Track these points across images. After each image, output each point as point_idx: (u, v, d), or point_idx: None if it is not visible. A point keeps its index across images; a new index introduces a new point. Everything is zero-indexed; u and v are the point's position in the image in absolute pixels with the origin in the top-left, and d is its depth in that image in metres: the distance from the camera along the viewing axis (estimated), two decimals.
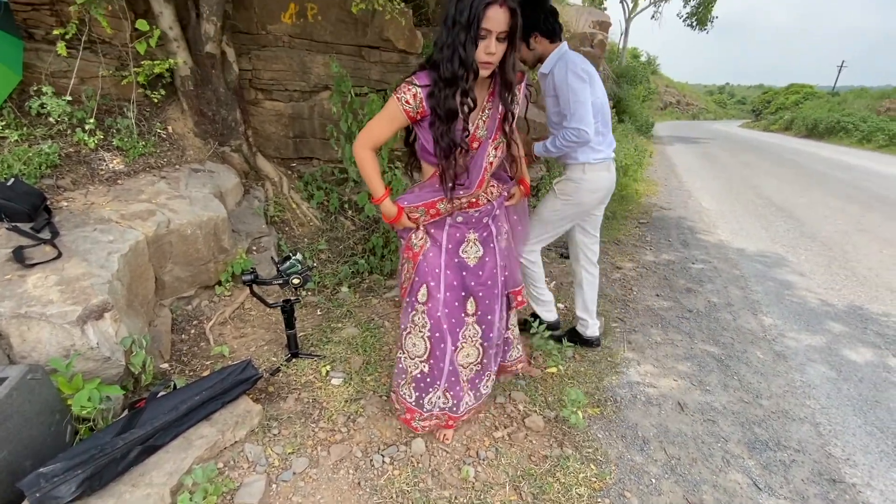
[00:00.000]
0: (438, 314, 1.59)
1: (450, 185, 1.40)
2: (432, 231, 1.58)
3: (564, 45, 2.04)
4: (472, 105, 1.30)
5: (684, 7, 21.74)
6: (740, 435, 1.95)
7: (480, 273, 1.61)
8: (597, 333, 2.49)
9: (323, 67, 3.50)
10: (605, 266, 3.70)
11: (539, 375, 2.23)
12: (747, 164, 10.49)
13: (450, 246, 1.58)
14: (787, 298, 3.30)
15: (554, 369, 2.26)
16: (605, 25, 10.07)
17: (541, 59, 2.09)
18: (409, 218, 1.55)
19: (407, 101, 1.32)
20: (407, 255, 1.62)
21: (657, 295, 3.27)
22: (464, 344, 1.68)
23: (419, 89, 1.30)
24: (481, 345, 1.70)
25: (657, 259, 3.99)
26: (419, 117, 1.35)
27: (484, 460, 1.74)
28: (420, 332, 1.62)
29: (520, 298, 1.80)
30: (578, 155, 2.06)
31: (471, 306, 1.65)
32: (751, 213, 5.80)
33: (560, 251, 3.83)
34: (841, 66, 41.11)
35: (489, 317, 1.67)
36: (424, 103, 1.31)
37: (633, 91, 16.70)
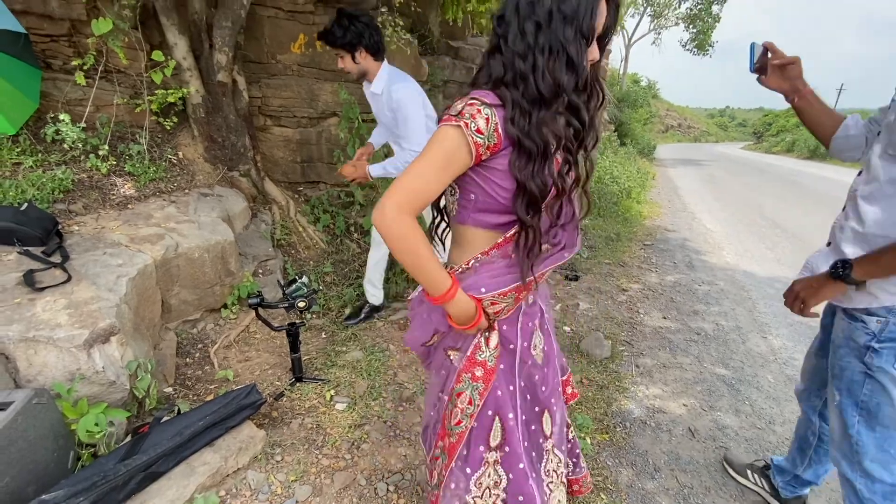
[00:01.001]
0: (522, 465, 1.04)
1: (536, 251, 0.93)
2: (504, 328, 1.05)
3: (386, 63, 2.09)
4: (584, 127, 0.93)
5: (685, 31, 22.38)
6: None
7: (546, 370, 1.13)
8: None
9: (331, 95, 3.59)
10: (610, 288, 3.69)
11: None
12: (750, 185, 10.52)
13: (525, 344, 1.07)
14: (796, 320, 3.26)
15: None
16: (605, 52, 10.30)
17: (364, 75, 2.13)
18: (486, 314, 0.99)
19: (478, 130, 0.84)
20: (469, 375, 1.02)
21: (664, 317, 3.24)
22: (550, 487, 1.14)
23: (492, 110, 0.85)
24: (566, 476, 1.20)
25: (663, 281, 3.97)
26: (489, 154, 0.88)
27: None
28: (493, 491, 1.06)
29: (571, 390, 1.36)
30: None
31: (547, 425, 1.14)
32: (755, 234, 5.79)
33: (565, 273, 3.82)
34: (840, 89, 41.59)
35: (558, 426, 1.19)
36: (500, 130, 0.85)
37: (634, 115, 16.98)
